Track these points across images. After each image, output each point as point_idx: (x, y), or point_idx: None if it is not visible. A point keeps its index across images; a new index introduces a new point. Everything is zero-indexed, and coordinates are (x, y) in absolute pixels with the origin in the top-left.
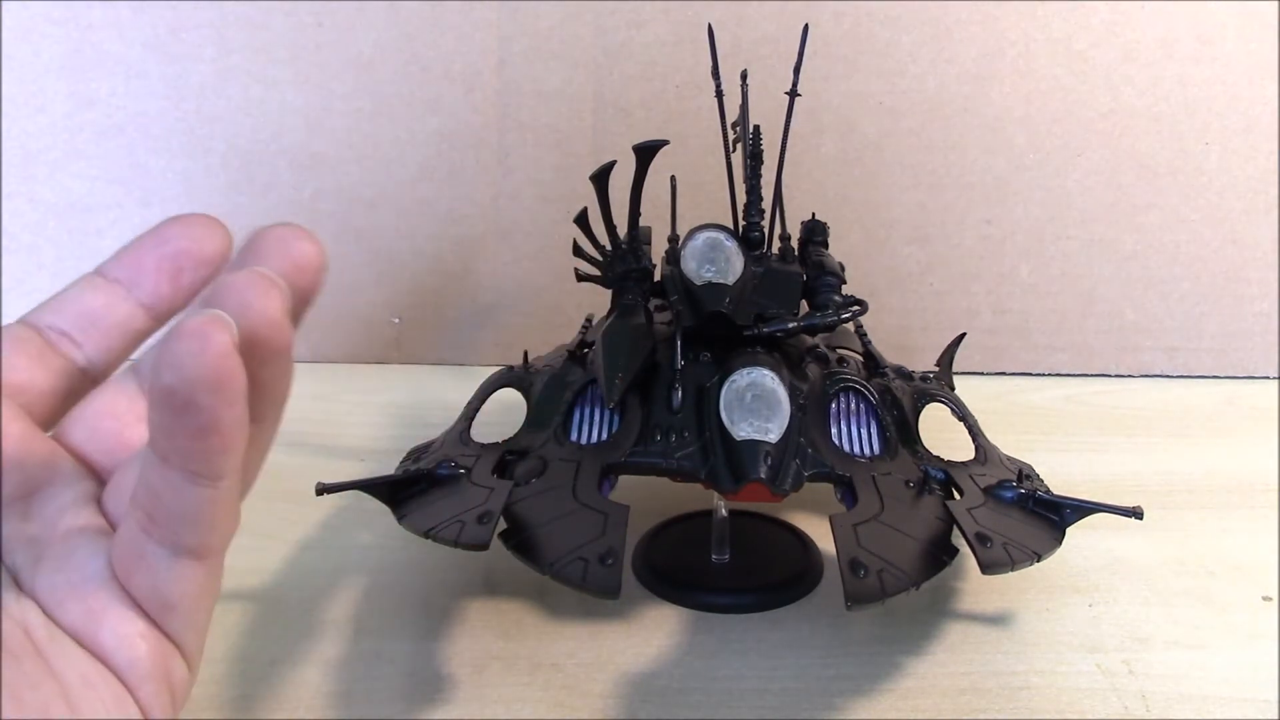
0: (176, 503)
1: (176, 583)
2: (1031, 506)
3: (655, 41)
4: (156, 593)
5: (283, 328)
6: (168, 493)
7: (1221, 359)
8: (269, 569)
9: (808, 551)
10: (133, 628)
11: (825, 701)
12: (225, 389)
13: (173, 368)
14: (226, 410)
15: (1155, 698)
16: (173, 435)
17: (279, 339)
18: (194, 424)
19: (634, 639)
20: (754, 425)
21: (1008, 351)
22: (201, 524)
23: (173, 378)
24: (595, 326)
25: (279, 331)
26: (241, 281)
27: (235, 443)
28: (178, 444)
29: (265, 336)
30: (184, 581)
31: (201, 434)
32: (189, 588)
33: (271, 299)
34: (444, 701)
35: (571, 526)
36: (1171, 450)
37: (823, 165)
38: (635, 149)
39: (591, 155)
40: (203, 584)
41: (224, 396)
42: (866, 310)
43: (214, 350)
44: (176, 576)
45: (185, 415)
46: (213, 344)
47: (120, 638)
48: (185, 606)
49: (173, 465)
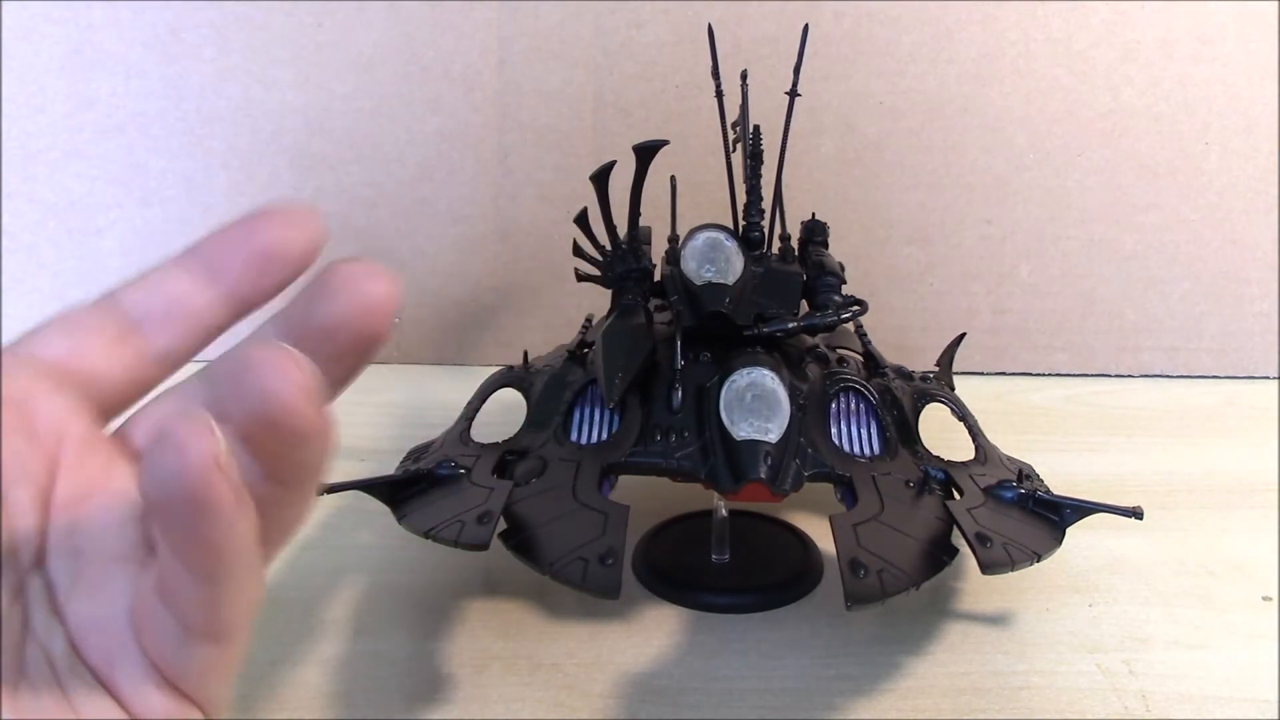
0: (182, 590)
1: (188, 658)
2: (1031, 506)
3: (655, 41)
4: (168, 663)
5: (307, 414)
6: (172, 578)
7: (1221, 359)
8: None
9: (808, 551)
10: (147, 681)
11: (825, 701)
12: (204, 508)
13: (150, 475)
14: (208, 528)
15: (1155, 698)
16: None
17: (304, 424)
18: (176, 531)
19: (634, 639)
20: (754, 425)
21: (1008, 351)
22: (209, 612)
23: (150, 485)
24: (595, 326)
25: (303, 419)
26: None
27: (229, 549)
28: (168, 540)
29: (289, 423)
30: (196, 658)
31: (186, 541)
32: (202, 664)
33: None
34: (444, 701)
35: (571, 526)
36: (1171, 450)
37: (823, 165)
38: (635, 149)
39: (591, 155)
40: (218, 660)
41: (204, 515)
42: (866, 310)
43: (193, 466)
44: (188, 653)
45: (171, 525)
46: (192, 459)
47: (135, 689)
48: (199, 678)
49: (171, 554)
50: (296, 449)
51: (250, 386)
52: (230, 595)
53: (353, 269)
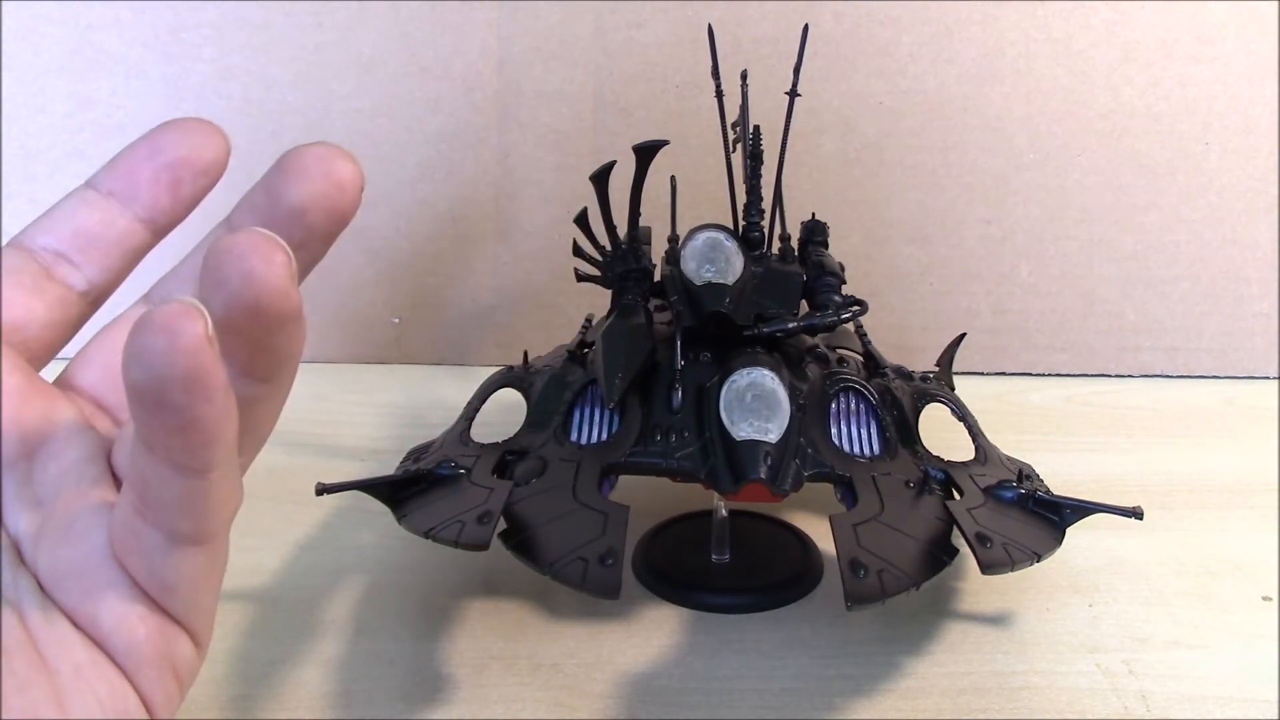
0: (166, 491)
1: (175, 568)
2: (1031, 506)
3: (655, 41)
4: (154, 576)
5: (289, 294)
6: (156, 481)
7: (1221, 359)
8: (269, 569)
9: (808, 551)
10: (132, 610)
11: (825, 701)
12: (198, 386)
13: (140, 364)
14: (203, 407)
15: (1155, 698)
16: (151, 429)
17: (287, 306)
18: (170, 422)
19: (634, 639)
20: (754, 425)
21: (1008, 351)
22: (195, 512)
23: (140, 374)
24: (595, 326)
25: (286, 299)
26: (243, 246)
27: (219, 435)
28: (158, 438)
29: (272, 305)
30: (183, 566)
31: (179, 431)
32: (189, 571)
33: (276, 264)
34: (444, 701)
35: (571, 526)
36: (1171, 450)
37: (823, 165)
38: (635, 149)
39: (591, 155)
40: (204, 566)
41: (198, 394)
42: (866, 310)
43: (184, 346)
44: (174, 561)
45: (158, 413)
46: (183, 339)
47: (119, 620)
48: (186, 589)
49: (157, 455)
50: (277, 334)
51: (232, 270)
52: (215, 489)
53: (315, 150)
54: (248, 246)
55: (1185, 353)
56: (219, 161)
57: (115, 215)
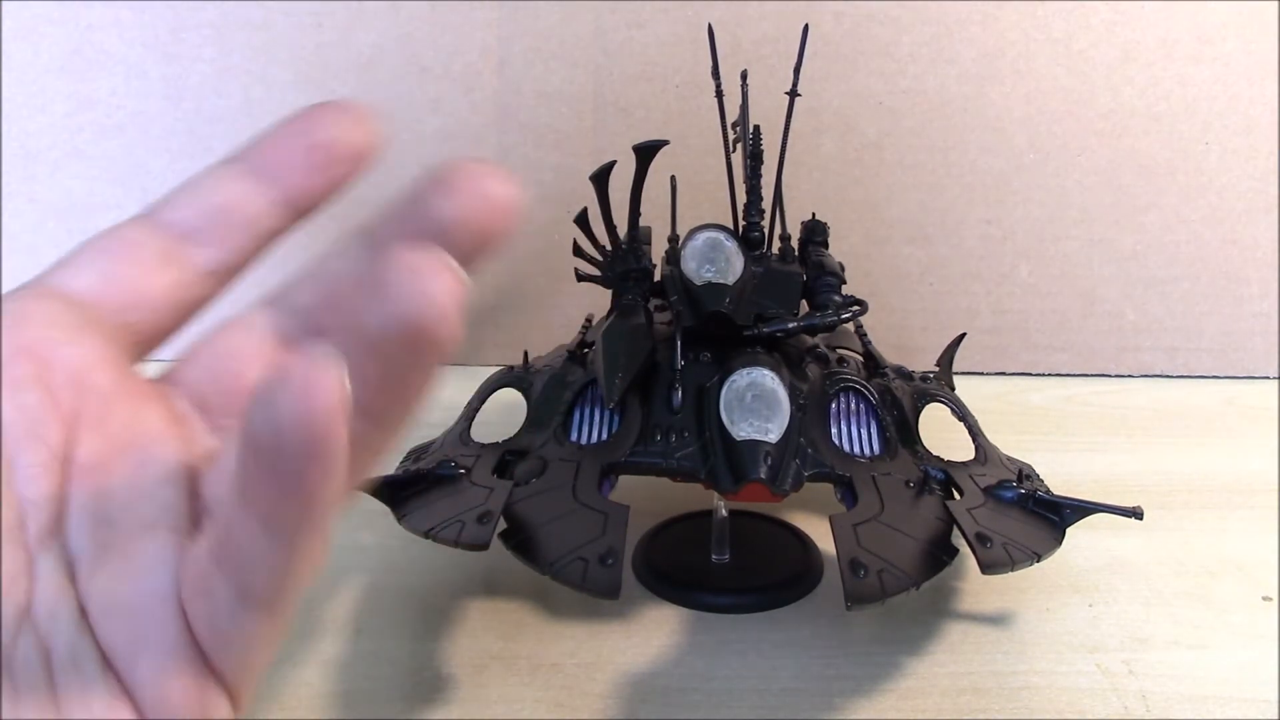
0: (249, 548)
1: (238, 626)
2: (1031, 506)
3: (655, 41)
4: (214, 630)
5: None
6: (242, 534)
7: (1221, 359)
8: None
9: (808, 551)
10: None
11: (825, 701)
12: (319, 459)
13: (264, 416)
14: (316, 479)
15: (1155, 698)
16: (254, 482)
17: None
18: (278, 482)
19: (634, 639)
20: (754, 425)
21: (1008, 351)
22: (273, 577)
23: (262, 428)
24: (595, 326)
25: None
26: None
27: (320, 508)
28: (257, 493)
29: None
30: (246, 626)
31: (284, 494)
32: (251, 633)
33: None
34: (444, 701)
35: (571, 526)
36: (1171, 450)
37: (823, 165)
38: (635, 149)
39: (591, 155)
40: (267, 632)
41: (315, 465)
42: (866, 310)
43: (317, 413)
44: (239, 620)
45: (269, 469)
46: (318, 405)
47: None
48: (243, 650)
49: (251, 511)
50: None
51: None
52: (302, 558)
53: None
54: (425, 265)
55: (1185, 353)
56: (372, 148)
57: (255, 193)
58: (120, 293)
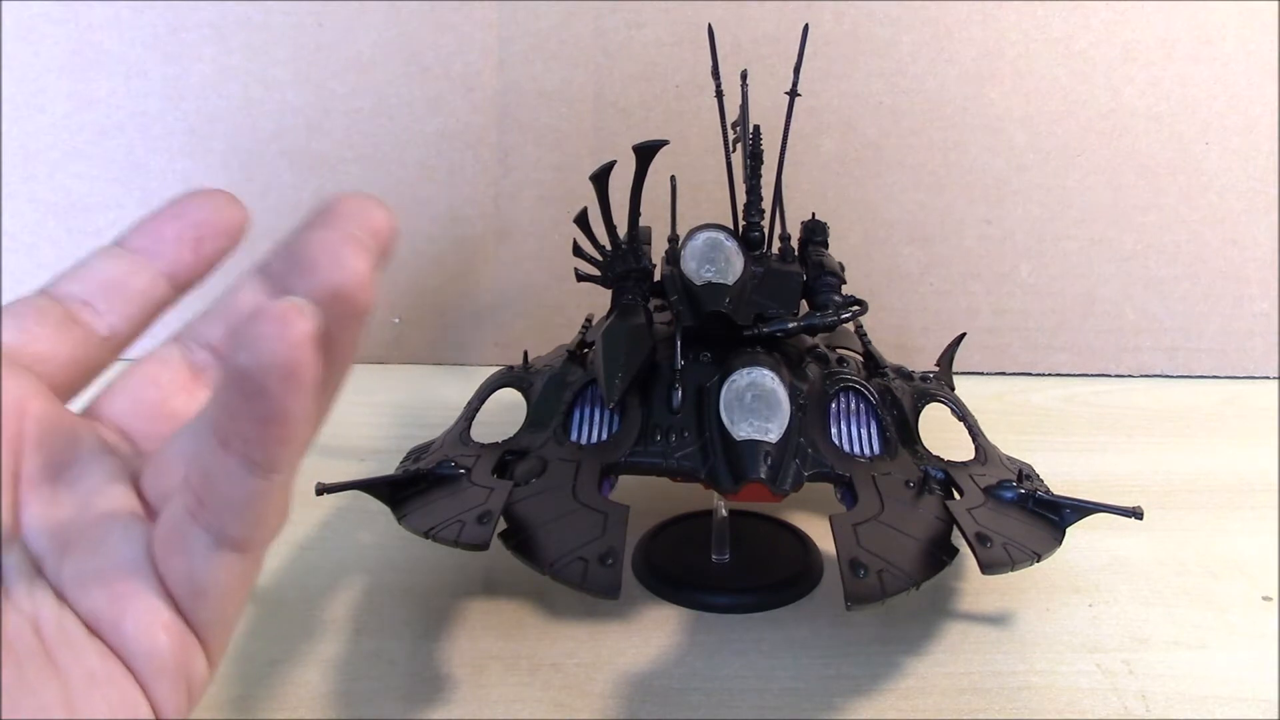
0: (229, 490)
1: (214, 571)
2: (1031, 506)
3: (655, 41)
4: (191, 579)
5: (371, 290)
6: (222, 478)
7: (1221, 359)
8: (269, 569)
9: (808, 551)
10: (157, 617)
11: (825, 701)
12: (298, 378)
13: (249, 349)
14: (295, 401)
15: (1155, 698)
16: (237, 419)
17: (366, 300)
18: (261, 411)
19: (634, 639)
20: (754, 425)
21: (1008, 351)
22: (250, 515)
23: (248, 360)
24: (595, 326)
25: (367, 293)
26: (336, 239)
27: (298, 436)
28: (240, 429)
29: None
30: (222, 571)
31: (266, 422)
32: (225, 578)
33: (363, 258)
34: (444, 701)
35: (571, 526)
36: (1171, 450)
37: (823, 165)
38: (635, 149)
39: (591, 155)
40: (240, 576)
41: (295, 385)
42: (866, 310)
43: (293, 337)
44: (215, 565)
45: (253, 400)
46: (293, 331)
47: (142, 627)
48: (218, 596)
49: (231, 451)
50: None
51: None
52: (275, 494)
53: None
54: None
55: (1185, 353)
56: (239, 226)
57: (139, 269)
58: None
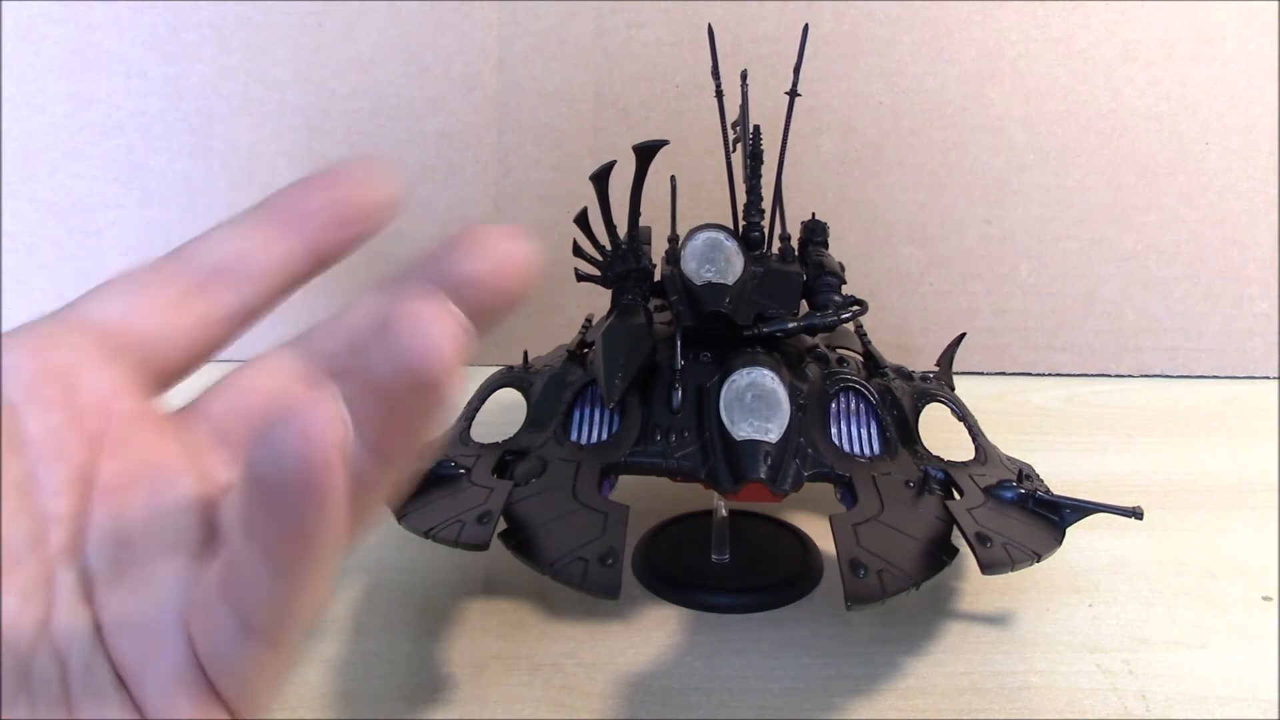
0: (253, 582)
1: (241, 658)
2: (1031, 506)
3: (655, 41)
4: (218, 660)
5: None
6: (246, 568)
7: (1221, 359)
8: None
9: (808, 551)
10: (181, 683)
11: (825, 701)
12: (318, 502)
13: (266, 455)
14: (315, 522)
15: (1155, 698)
16: (257, 517)
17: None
18: (278, 518)
19: (634, 639)
20: (754, 425)
21: (1008, 351)
22: (276, 612)
23: (263, 464)
24: (595, 326)
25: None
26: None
27: (322, 550)
28: (261, 529)
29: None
30: (249, 659)
31: (284, 531)
32: (254, 665)
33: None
34: (444, 701)
35: (571, 526)
36: (1171, 450)
37: (823, 165)
38: (635, 149)
39: (591, 155)
40: (271, 666)
41: (315, 508)
42: (866, 310)
43: (316, 453)
44: (242, 652)
45: (270, 505)
46: (318, 450)
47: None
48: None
49: (255, 545)
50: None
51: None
52: (304, 595)
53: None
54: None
55: (1185, 353)
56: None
57: (277, 240)
58: (143, 326)
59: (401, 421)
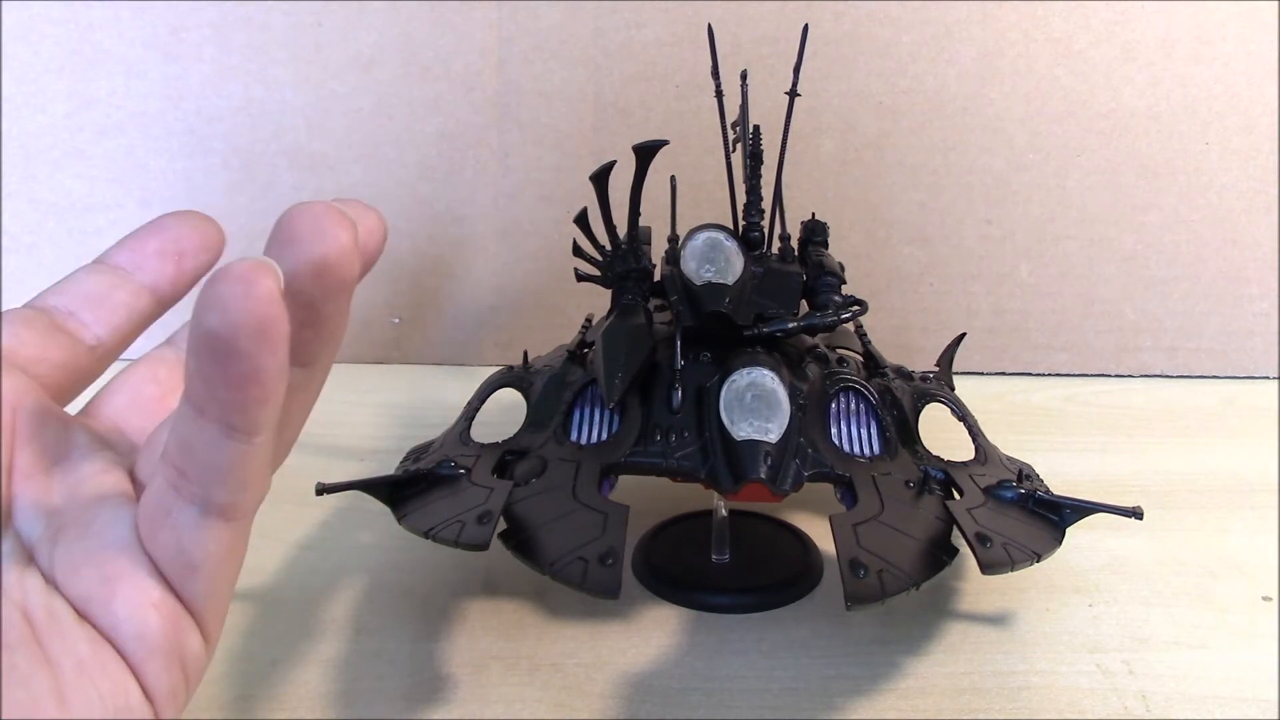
0: (209, 457)
1: (202, 542)
2: (1031, 506)
3: (655, 41)
4: (181, 552)
5: (353, 259)
6: (201, 446)
7: (1221, 359)
8: (269, 569)
9: (808, 551)
10: (148, 596)
11: (825, 701)
12: (268, 335)
13: (216, 310)
14: (268, 358)
15: (1155, 698)
16: (211, 384)
17: (348, 270)
18: (234, 371)
19: (634, 639)
20: (754, 425)
21: (1008, 351)
22: (233, 481)
23: (215, 321)
24: (595, 326)
25: (350, 261)
26: (318, 210)
27: (274, 394)
28: (215, 393)
29: (336, 266)
30: (210, 541)
31: (241, 383)
32: (215, 548)
33: (344, 228)
34: (444, 701)
35: (571, 526)
36: (1171, 450)
37: (823, 165)
38: (635, 149)
39: (591, 155)
40: (229, 546)
41: (266, 343)
42: (866, 310)
43: (259, 294)
44: (203, 536)
45: (225, 362)
46: (258, 288)
47: (133, 606)
48: (209, 569)
49: (208, 417)
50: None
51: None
52: (256, 458)
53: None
54: (323, 210)
55: (1185, 353)
56: (218, 243)
57: (122, 282)
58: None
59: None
